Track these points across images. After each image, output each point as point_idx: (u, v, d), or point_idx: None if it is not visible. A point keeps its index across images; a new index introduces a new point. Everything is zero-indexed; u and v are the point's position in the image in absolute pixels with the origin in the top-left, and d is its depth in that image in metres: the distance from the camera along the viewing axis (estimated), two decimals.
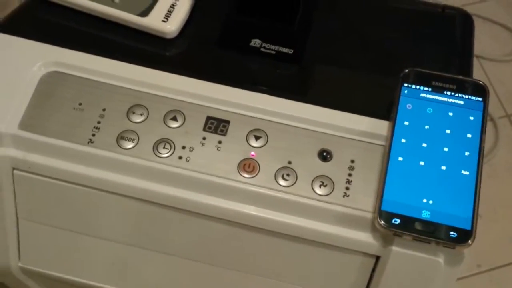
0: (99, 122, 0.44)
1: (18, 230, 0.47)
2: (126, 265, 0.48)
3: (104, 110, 0.44)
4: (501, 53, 1.33)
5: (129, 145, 0.43)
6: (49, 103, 0.44)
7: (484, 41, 1.32)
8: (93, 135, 0.43)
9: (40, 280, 0.54)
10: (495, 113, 1.22)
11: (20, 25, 0.48)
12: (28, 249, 0.48)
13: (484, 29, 1.34)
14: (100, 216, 0.45)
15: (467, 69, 0.49)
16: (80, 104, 0.44)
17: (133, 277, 0.48)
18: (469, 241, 0.37)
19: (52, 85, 0.45)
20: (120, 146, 0.43)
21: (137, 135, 0.43)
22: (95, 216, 0.45)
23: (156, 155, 0.43)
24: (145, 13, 0.47)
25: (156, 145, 0.43)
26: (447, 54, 0.50)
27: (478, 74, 0.47)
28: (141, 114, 0.44)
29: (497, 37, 1.36)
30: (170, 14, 0.47)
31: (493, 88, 1.25)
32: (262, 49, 0.47)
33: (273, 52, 0.47)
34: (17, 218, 0.47)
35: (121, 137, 0.43)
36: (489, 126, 1.23)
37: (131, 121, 0.44)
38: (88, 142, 0.43)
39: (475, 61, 0.52)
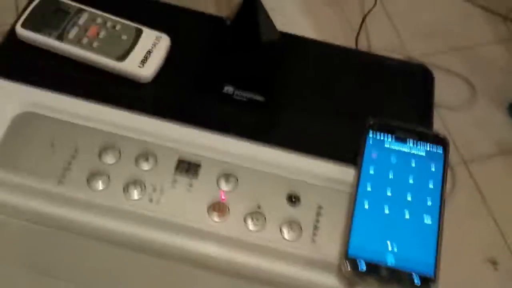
0: (70, 163, 0.44)
1: None
2: None
3: (76, 150, 0.44)
4: (458, 102, 1.39)
5: (100, 186, 0.43)
6: (21, 143, 0.44)
7: (442, 90, 1.38)
8: (64, 175, 0.43)
9: None
10: (452, 159, 1.27)
11: None
12: None
13: (442, 79, 1.40)
14: (67, 258, 0.45)
15: (428, 121, 0.51)
16: (53, 144, 0.44)
17: None
18: (432, 287, 0.38)
19: (25, 125, 0.45)
20: (90, 187, 0.43)
21: (109, 176, 0.43)
22: (62, 258, 0.45)
23: (127, 197, 0.43)
24: (122, 57, 0.47)
25: (127, 187, 0.43)
26: (409, 107, 0.52)
27: (435, 121, 0.50)
28: (113, 155, 0.44)
29: (455, 86, 1.42)
30: (146, 60, 0.48)
31: (450, 135, 1.30)
32: (235, 96, 0.48)
33: (245, 99, 0.48)
34: None
35: (92, 177, 0.43)
36: (448, 173, 1.28)
37: (103, 162, 0.44)
38: (58, 182, 0.43)
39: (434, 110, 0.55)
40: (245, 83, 0.49)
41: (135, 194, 0.43)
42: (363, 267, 0.39)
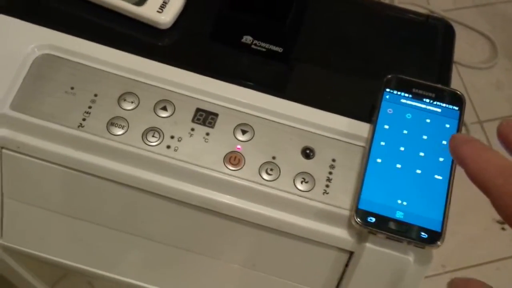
0: (90, 107, 0.44)
1: (2, 208, 0.48)
2: (109, 249, 0.49)
3: (95, 95, 0.45)
4: (477, 60, 1.37)
5: (119, 131, 0.44)
6: (42, 86, 0.45)
7: (462, 47, 1.36)
8: (84, 119, 0.44)
9: (20, 259, 0.55)
10: (468, 118, 1.26)
11: (17, 6, 0.49)
12: (11, 227, 0.49)
13: (463, 36, 1.38)
14: (85, 199, 0.46)
15: (446, 77, 0.51)
16: (72, 88, 0.45)
17: (114, 261, 0.49)
18: (438, 242, 0.39)
19: (45, 67, 0.45)
20: (110, 132, 0.44)
21: (127, 122, 0.44)
22: (80, 199, 0.47)
23: (145, 143, 0.44)
24: (141, 2, 0.47)
25: (145, 133, 0.44)
26: (428, 62, 0.52)
27: (454, 80, 0.50)
28: (132, 102, 0.45)
29: (475, 44, 1.39)
30: (165, 5, 0.47)
31: (467, 94, 1.29)
32: (253, 46, 0.48)
33: (264, 49, 0.48)
34: (2, 196, 0.47)
35: (111, 123, 0.44)
36: (462, 131, 1.27)
37: (122, 108, 0.45)
38: (79, 126, 0.44)
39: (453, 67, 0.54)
40: (264, 33, 0.49)
41: (153, 140, 0.44)
42: (372, 219, 0.40)
